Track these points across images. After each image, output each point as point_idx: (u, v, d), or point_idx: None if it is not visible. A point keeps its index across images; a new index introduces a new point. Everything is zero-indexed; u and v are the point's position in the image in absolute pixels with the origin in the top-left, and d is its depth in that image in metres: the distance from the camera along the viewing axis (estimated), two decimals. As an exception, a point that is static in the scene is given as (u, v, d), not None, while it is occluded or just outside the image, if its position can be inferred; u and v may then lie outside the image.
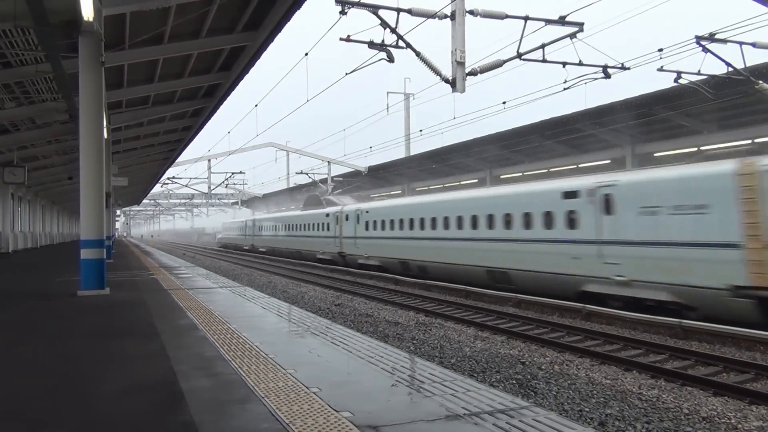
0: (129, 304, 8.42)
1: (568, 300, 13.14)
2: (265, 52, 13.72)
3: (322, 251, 30.15)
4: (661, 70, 13.37)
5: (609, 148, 23.75)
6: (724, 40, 12.58)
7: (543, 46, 12.78)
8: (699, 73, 13.66)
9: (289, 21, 11.75)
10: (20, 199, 30.52)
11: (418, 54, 12.28)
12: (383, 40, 12.10)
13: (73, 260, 13.03)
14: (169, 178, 48.95)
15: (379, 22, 11.90)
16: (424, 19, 12.12)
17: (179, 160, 37.06)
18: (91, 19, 8.81)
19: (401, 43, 12.20)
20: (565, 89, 13.83)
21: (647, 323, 10.93)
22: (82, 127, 9.60)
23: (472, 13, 12.13)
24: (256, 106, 22.86)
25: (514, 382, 7.44)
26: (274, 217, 43.84)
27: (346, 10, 11.65)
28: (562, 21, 12.43)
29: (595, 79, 13.43)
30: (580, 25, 12.45)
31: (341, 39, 12.35)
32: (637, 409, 6.37)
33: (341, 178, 44.07)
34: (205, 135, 25.16)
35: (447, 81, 12.19)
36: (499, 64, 12.69)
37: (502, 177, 29.50)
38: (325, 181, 44.27)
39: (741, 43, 12.81)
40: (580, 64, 13.15)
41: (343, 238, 27.24)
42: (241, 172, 49.55)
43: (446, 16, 12.17)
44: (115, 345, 5.50)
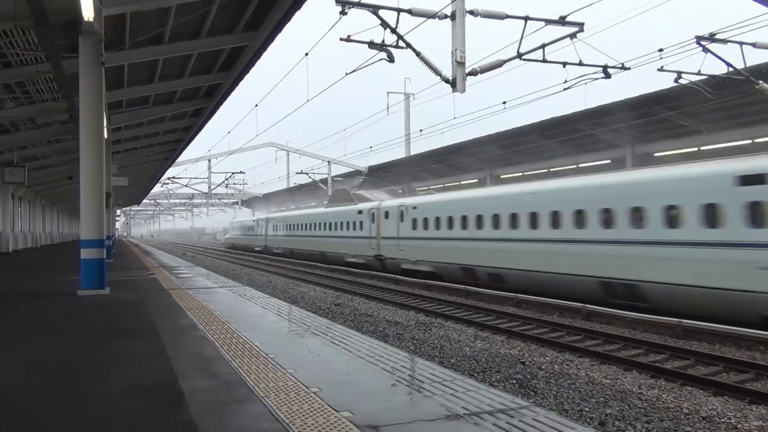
0: (129, 304, 8.42)
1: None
2: (265, 53, 13.75)
3: (353, 254, 25.98)
4: (661, 70, 13.39)
5: (609, 148, 23.78)
6: (725, 40, 12.60)
7: (543, 46, 12.79)
8: (699, 73, 13.68)
9: (289, 21, 11.76)
10: (20, 199, 30.53)
11: (418, 54, 12.29)
12: (383, 40, 12.11)
13: (73, 260, 13.03)
14: (169, 178, 49.05)
15: (380, 22, 11.91)
16: (425, 19, 12.12)
17: (179, 160, 37.09)
18: (92, 19, 8.81)
19: (401, 43, 12.21)
20: (565, 89, 13.87)
21: (647, 323, 10.93)
22: (82, 127, 9.60)
23: (472, 13, 12.14)
24: (256, 106, 22.92)
25: (514, 381, 7.44)
26: (292, 215, 38.50)
27: (346, 10, 11.66)
28: (562, 21, 12.44)
29: (595, 79, 13.46)
30: (580, 25, 12.46)
31: (341, 39, 12.37)
32: (637, 408, 6.37)
33: (341, 178, 44.09)
34: (205, 135, 25.13)
35: (447, 81, 12.19)
36: (499, 64, 12.70)
37: (502, 177, 29.51)
38: (325, 181, 44.30)
39: (741, 43, 12.83)
40: (580, 64, 13.17)
41: (382, 239, 23.16)
42: (241, 172, 49.71)
43: (446, 16, 12.18)
44: (115, 345, 5.50)
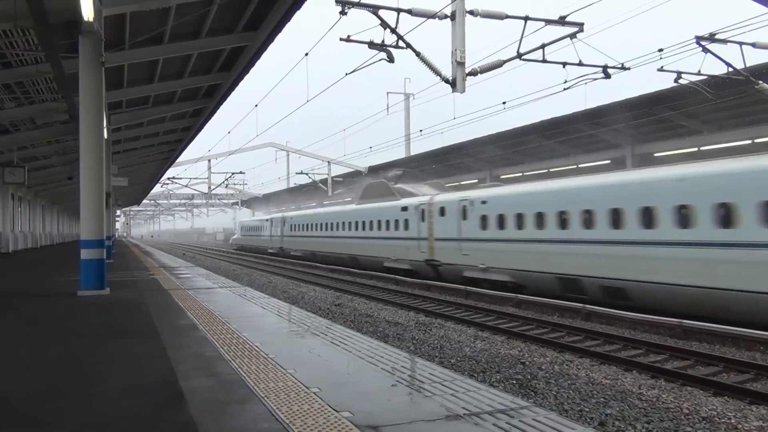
0: (129, 304, 8.42)
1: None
2: (265, 53, 13.76)
3: (395, 258, 22.16)
4: (661, 70, 13.38)
5: (609, 148, 23.79)
6: (724, 41, 12.60)
7: (543, 46, 12.79)
8: (699, 73, 13.67)
9: (289, 21, 11.76)
10: (20, 199, 30.53)
11: (418, 54, 12.29)
12: (383, 40, 12.11)
13: (73, 260, 13.03)
14: (169, 179, 49.06)
15: (379, 22, 11.91)
16: (424, 19, 12.12)
17: (179, 160, 37.10)
18: (92, 19, 8.81)
19: (401, 43, 12.20)
20: (565, 89, 13.86)
21: (647, 323, 10.93)
22: (82, 127, 9.59)
23: (472, 13, 12.14)
24: (256, 106, 22.92)
25: (514, 382, 7.44)
26: (314, 214, 33.62)
27: (346, 10, 11.66)
28: (562, 21, 12.44)
29: (595, 79, 13.46)
30: (580, 26, 12.46)
31: (341, 39, 12.36)
32: (637, 409, 6.37)
33: (341, 178, 44.10)
34: (205, 135, 25.13)
35: (447, 81, 12.19)
36: (499, 64, 12.70)
37: (502, 177, 29.52)
38: (325, 182, 44.31)
39: (741, 43, 12.83)
40: (580, 64, 13.17)
41: (436, 241, 19.39)
42: (241, 172, 49.72)
43: (446, 17, 12.18)
44: (115, 345, 5.50)
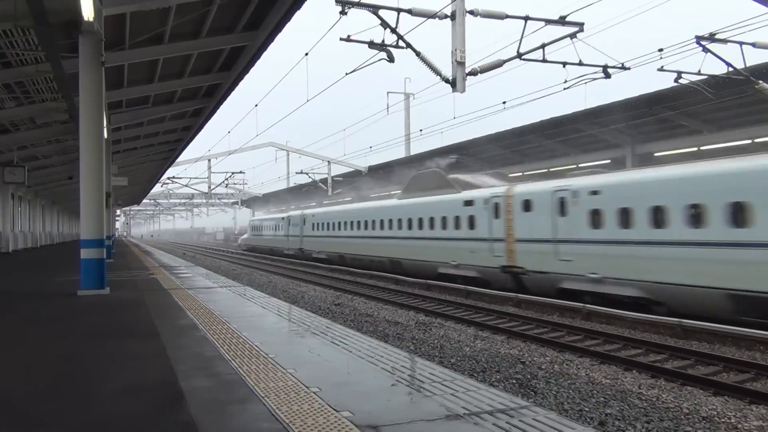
0: (129, 304, 8.42)
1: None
2: (265, 53, 13.76)
3: (456, 262, 18.53)
4: (661, 70, 13.39)
5: (609, 148, 23.78)
6: (724, 40, 12.60)
7: (543, 46, 12.80)
8: (699, 73, 13.68)
9: (289, 21, 11.77)
10: (20, 199, 30.53)
11: (418, 54, 12.29)
12: (383, 40, 12.11)
13: (73, 260, 13.03)
14: (169, 178, 49.11)
15: (380, 22, 11.91)
16: (425, 19, 12.12)
17: (179, 160, 37.12)
18: (92, 19, 8.81)
19: (401, 43, 12.21)
20: (565, 89, 13.87)
21: (647, 323, 10.93)
22: (82, 127, 9.60)
23: (472, 13, 12.14)
24: (256, 106, 22.92)
25: (514, 381, 7.44)
26: (344, 211, 29.36)
27: (346, 10, 11.66)
28: (562, 21, 12.44)
29: (595, 79, 13.46)
30: (580, 25, 12.46)
31: (341, 39, 12.37)
32: (637, 408, 6.37)
33: (341, 178, 44.12)
34: (205, 135, 25.15)
35: (447, 81, 12.19)
36: (499, 64, 12.70)
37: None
38: (325, 181, 44.33)
39: (741, 43, 12.83)
40: (580, 64, 13.17)
41: (519, 243, 15.73)
42: (241, 172, 49.78)
43: (446, 16, 12.18)
44: (115, 345, 5.50)
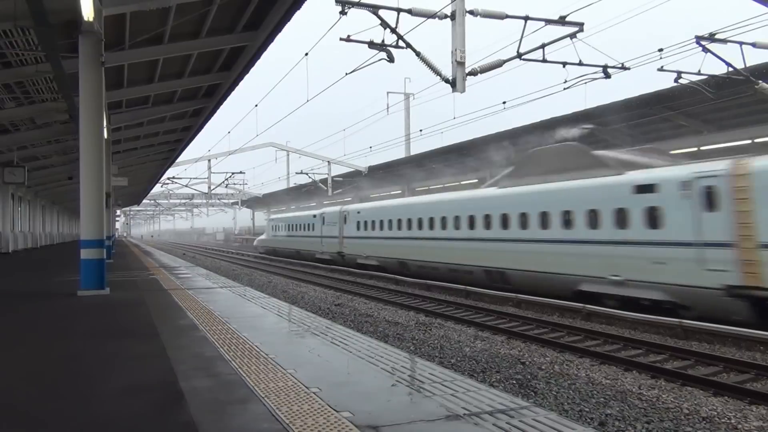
0: (129, 304, 8.42)
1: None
2: (265, 53, 13.76)
3: (617, 277, 12.60)
4: (662, 70, 13.38)
5: (609, 148, 23.73)
6: (724, 40, 12.60)
7: (543, 46, 12.79)
8: (699, 73, 13.67)
9: (289, 21, 11.77)
10: (20, 199, 30.53)
11: (418, 54, 12.28)
12: (383, 40, 12.11)
13: (73, 260, 13.03)
14: (169, 178, 49.08)
15: (379, 22, 11.90)
16: (424, 19, 12.12)
17: (179, 160, 37.09)
18: (91, 19, 8.81)
19: (401, 43, 12.20)
20: (565, 89, 13.86)
21: (647, 323, 10.93)
22: (82, 127, 9.59)
23: (472, 13, 12.13)
24: (256, 106, 22.91)
25: (514, 382, 7.44)
26: (406, 205, 23.15)
27: (346, 10, 11.66)
28: (562, 21, 12.44)
29: (595, 79, 13.45)
30: (580, 25, 12.45)
31: (341, 39, 12.36)
32: (637, 409, 6.37)
33: (341, 178, 44.09)
34: (205, 135, 25.14)
35: (447, 81, 12.18)
36: (499, 64, 12.70)
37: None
38: (325, 181, 44.32)
39: (741, 43, 12.83)
40: (580, 64, 13.16)
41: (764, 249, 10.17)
42: (241, 172, 49.74)
43: (446, 16, 12.17)
44: (115, 345, 5.50)
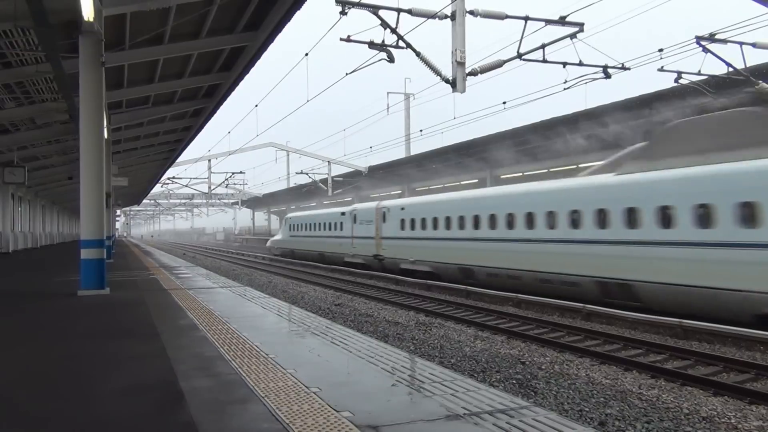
0: (129, 304, 8.42)
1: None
2: (265, 53, 13.76)
3: None
4: (662, 70, 13.39)
5: (609, 148, 23.74)
6: (724, 41, 12.61)
7: (543, 47, 12.79)
8: (699, 73, 13.68)
9: (289, 21, 11.77)
10: (20, 199, 30.52)
11: (418, 54, 12.29)
12: (383, 41, 12.12)
13: (73, 260, 13.03)
14: (169, 178, 49.10)
15: (380, 22, 11.91)
16: (425, 19, 12.12)
17: (179, 160, 37.09)
18: (92, 20, 8.81)
19: (401, 43, 12.21)
20: (565, 89, 13.87)
21: (647, 323, 10.93)
22: (82, 127, 9.60)
23: (472, 13, 12.14)
24: (256, 106, 22.93)
25: (514, 382, 7.44)
26: (471, 198, 18.21)
27: (346, 10, 11.66)
28: (563, 21, 12.45)
29: (595, 79, 13.46)
30: (580, 26, 12.47)
31: (341, 39, 12.37)
32: (637, 408, 6.37)
33: (341, 178, 44.11)
34: (205, 135, 25.20)
35: (447, 81, 12.19)
36: (500, 64, 12.70)
37: (502, 177, 29.49)
38: (325, 181, 44.32)
39: (741, 43, 12.84)
40: (581, 64, 13.17)
41: None
42: (241, 172, 49.78)
43: (446, 17, 12.18)
44: (115, 345, 5.50)
